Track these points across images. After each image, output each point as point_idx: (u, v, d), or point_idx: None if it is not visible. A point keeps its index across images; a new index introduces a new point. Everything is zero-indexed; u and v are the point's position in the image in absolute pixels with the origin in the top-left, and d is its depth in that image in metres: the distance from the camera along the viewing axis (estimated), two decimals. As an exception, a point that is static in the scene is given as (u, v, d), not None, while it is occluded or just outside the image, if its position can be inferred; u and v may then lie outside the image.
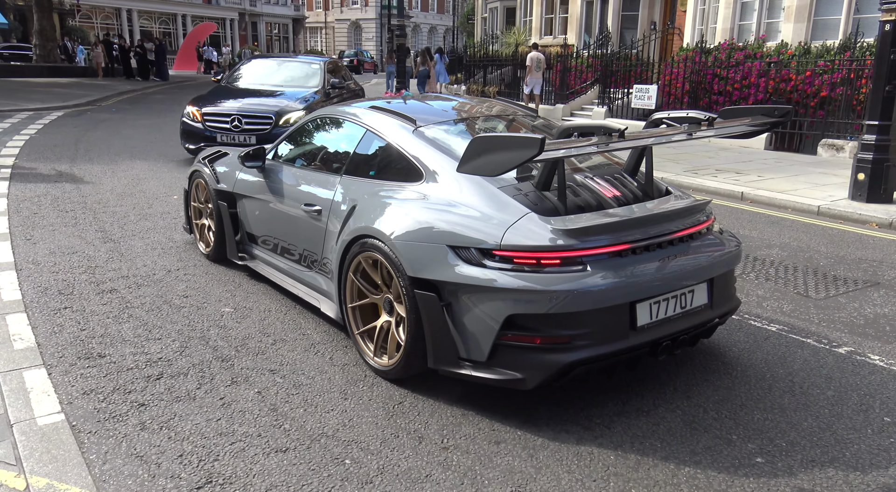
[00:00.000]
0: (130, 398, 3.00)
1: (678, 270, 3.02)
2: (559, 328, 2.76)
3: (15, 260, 4.73)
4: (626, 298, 2.82)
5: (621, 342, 2.84)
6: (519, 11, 22.85)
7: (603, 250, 2.83)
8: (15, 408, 2.82)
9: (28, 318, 3.77)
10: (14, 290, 4.16)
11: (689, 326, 3.07)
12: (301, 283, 4.01)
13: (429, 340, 2.98)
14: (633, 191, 3.29)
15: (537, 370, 2.77)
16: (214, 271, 4.77)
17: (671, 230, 3.05)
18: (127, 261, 4.91)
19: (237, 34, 48.59)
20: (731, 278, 3.42)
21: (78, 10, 39.43)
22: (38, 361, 3.26)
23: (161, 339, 3.63)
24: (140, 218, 6.14)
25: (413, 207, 3.16)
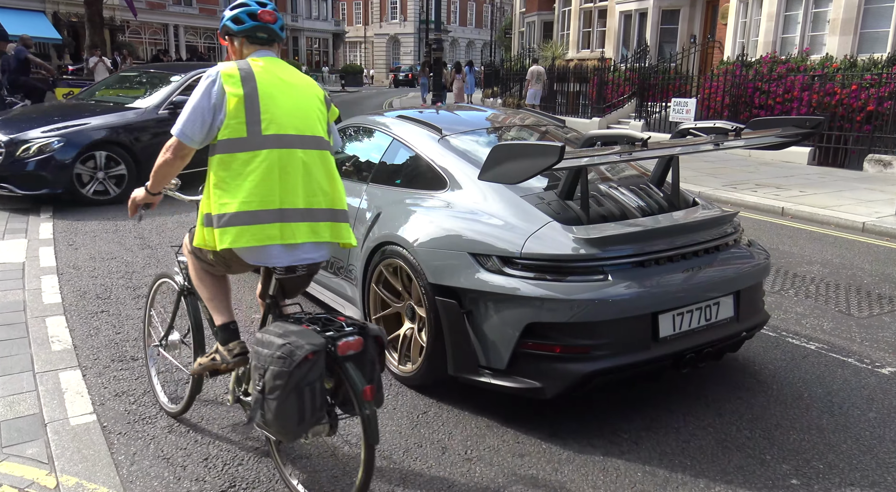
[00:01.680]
0: (160, 401, 3.05)
1: (703, 282, 2.96)
2: (579, 338, 2.74)
3: (57, 264, 4.88)
4: (648, 309, 2.79)
5: (643, 354, 2.80)
6: (556, 25, 22.84)
7: (625, 260, 2.80)
8: (49, 408, 2.90)
9: (66, 320, 3.87)
10: (55, 293, 4.29)
11: (714, 339, 3.00)
12: (328, 289, 4.01)
13: (449, 348, 2.97)
14: (659, 201, 3.26)
15: (556, 379, 2.75)
16: (246, 279, 4.84)
17: (696, 241, 3.01)
18: (164, 266, 5.02)
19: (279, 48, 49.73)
20: (760, 291, 3.34)
21: (128, 27, 40.93)
22: (73, 363, 3.34)
23: (192, 344, 3.68)
24: (177, 226, 6.28)
25: (436, 215, 3.15)
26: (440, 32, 20.56)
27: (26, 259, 4.93)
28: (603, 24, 19.78)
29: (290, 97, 2.33)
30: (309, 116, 2.36)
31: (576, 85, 17.72)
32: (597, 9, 20.05)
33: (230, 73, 2.26)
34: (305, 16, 52.74)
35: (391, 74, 53.95)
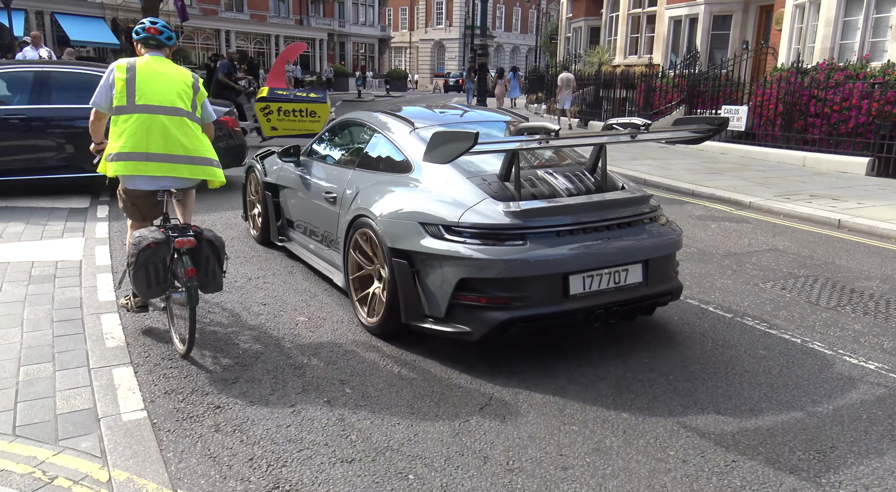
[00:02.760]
0: (207, 400, 3.12)
1: (612, 251, 3.56)
2: (501, 291, 3.37)
3: (112, 263, 5.05)
4: (559, 270, 3.40)
5: (554, 307, 3.43)
6: (603, 31, 22.60)
7: (542, 230, 3.43)
8: (103, 403, 2.99)
9: (119, 318, 4.00)
10: (109, 291, 4.43)
11: (623, 299, 3.59)
12: (322, 259, 4.73)
13: (402, 300, 3.61)
14: (587, 184, 3.86)
15: (482, 325, 3.39)
16: (291, 281, 4.92)
17: (608, 217, 3.62)
18: (212, 268, 5.14)
19: (325, 54, 50.48)
20: (671, 262, 3.94)
21: (182, 32, 42.20)
22: (126, 360, 3.45)
23: (239, 344, 3.76)
24: (226, 227, 6.43)
25: (398, 192, 3.86)
26: (485, 38, 20.60)
27: (83, 257, 5.11)
28: (651, 30, 19.49)
29: (159, 81, 3.60)
30: (171, 94, 3.61)
31: (622, 91, 17.48)
32: (645, 14, 19.77)
33: (120, 66, 3.59)
34: (352, 21, 53.50)
35: (442, 80, 54.21)
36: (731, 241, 6.59)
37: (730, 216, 7.83)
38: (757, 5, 16.69)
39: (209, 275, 3.49)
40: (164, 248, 3.36)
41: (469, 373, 3.50)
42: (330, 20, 51.48)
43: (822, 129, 11.52)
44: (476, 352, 3.74)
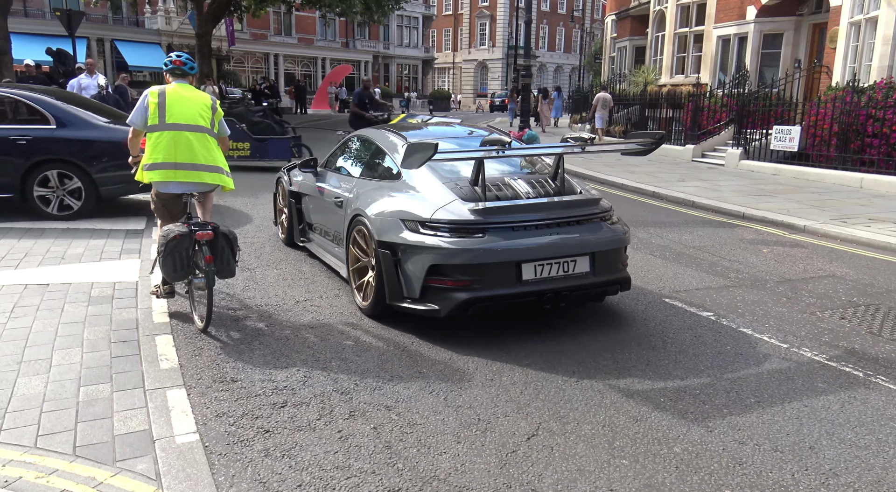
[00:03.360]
0: (257, 424, 3.17)
1: (561, 244, 4.24)
2: (463, 275, 4.10)
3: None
4: (512, 258, 4.11)
5: (508, 289, 4.13)
6: (649, 51, 22.43)
7: (500, 225, 4.14)
8: (158, 424, 3.07)
9: (174, 340, 4.11)
10: (163, 313, 4.57)
11: (571, 286, 4.28)
12: (333, 256, 5.48)
13: (385, 285, 4.35)
14: (547, 189, 4.50)
15: (447, 303, 4.12)
16: (338, 304, 4.99)
17: (559, 215, 4.32)
18: (261, 290, 5.26)
19: (370, 75, 51.46)
20: (617, 256, 4.57)
21: (232, 56, 43.66)
22: (179, 382, 3.54)
23: (287, 368, 3.83)
24: (274, 249, 6.57)
25: (387, 195, 4.59)
26: (529, 59, 20.66)
27: (139, 279, 5.29)
28: (699, 49, 19.25)
29: (184, 104, 4.41)
30: (194, 114, 4.42)
31: (668, 111, 17.27)
32: (692, 34, 19.56)
33: (153, 92, 4.41)
34: (397, 43, 54.47)
35: (486, 100, 54.57)
36: (784, 266, 6.40)
37: (783, 240, 7.62)
38: (809, 23, 16.33)
39: (224, 262, 4.28)
40: (187, 239, 4.20)
41: (516, 401, 3.47)
42: (375, 42, 52.50)
43: (881, 149, 11.14)
44: (523, 381, 3.72)
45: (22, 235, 6.51)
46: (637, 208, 9.68)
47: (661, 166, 14.21)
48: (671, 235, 7.74)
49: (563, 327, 4.59)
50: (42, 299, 4.70)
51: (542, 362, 3.99)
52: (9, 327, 4.15)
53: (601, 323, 4.70)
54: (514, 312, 4.82)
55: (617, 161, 15.03)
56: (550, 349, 4.19)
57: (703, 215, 9.16)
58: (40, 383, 3.42)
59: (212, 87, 19.84)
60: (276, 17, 45.38)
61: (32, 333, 4.08)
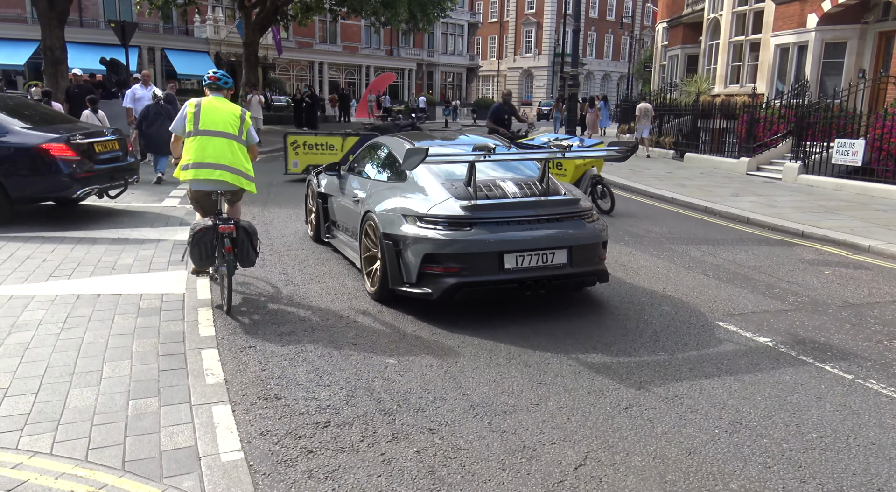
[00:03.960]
0: (300, 444, 3.21)
1: (540, 238, 4.92)
2: (453, 263, 4.80)
3: (212, 298, 5.33)
4: (495, 249, 4.80)
5: (492, 276, 4.83)
6: (702, 59, 22.04)
7: (486, 220, 4.86)
8: (203, 441, 3.14)
9: (219, 354, 4.21)
10: (209, 326, 4.68)
11: (549, 275, 4.95)
12: (351, 249, 6.25)
13: (388, 272, 5.09)
14: (533, 190, 5.23)
15: (438, 287, 4.83)
16: (382, 320, 5.02)
17: (539, 213, 5.02)
18: (304, 304, 5.34)
19: (414, 83, 51.93)
20: (593, 251, 5.20)
21: (278, 64, 44.67)
22: (224, 398, 3.61)
23: (330, 386, 3.87)
24: (318, 262, 6.66)
25: (392, 194, 5.37)
26: (576, 69, 20.52)
27: (186, 291, 5.43)
28: (755, 58, 18.83)
29: (216, 114, 5.11)
30: (225, 122, 5.11)
31: (722, 122, 16.92)
32: (748, 42, 19.14)
33: (192, 103, 5.16)
34: (441, 51, 54.88)
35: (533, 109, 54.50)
36: (848, 290, 6.17)
37: (846, 261, 7.35)
38: (875, 31, 15.79)
39: (244, 253, 4.97)
40: (211, 232, 4.91)
41: (562, 427, 3.43)
42: (419, 50, 53.00)
43: (953, 165, 10.67)
44: (570, 406, 3.67)
45: (75, 245, 6.76)
46: (688, 224, 9.49)
47: (714, 180, 13.91)
48: (724, 254, 7.56)
49: (608, 344, 4.52)
50: (93, 310, 4.86)
51: (590, 388, 3.94)
52: (62, 338, 4.31)
53: (651, 343, 4.61)
54: (562, 334, 4.77)
55: (668, 174, 14.78)
56: (599, 373, 4.13)
57: (759, 233, 8.92)
58: (91, 396, 3.54)
59: (257, 96, 20.36)
60: (321, 26, 46.28)
61: (84, 344, 4.22)
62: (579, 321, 5.09)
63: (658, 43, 28.46)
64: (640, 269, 6.78)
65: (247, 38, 28.34)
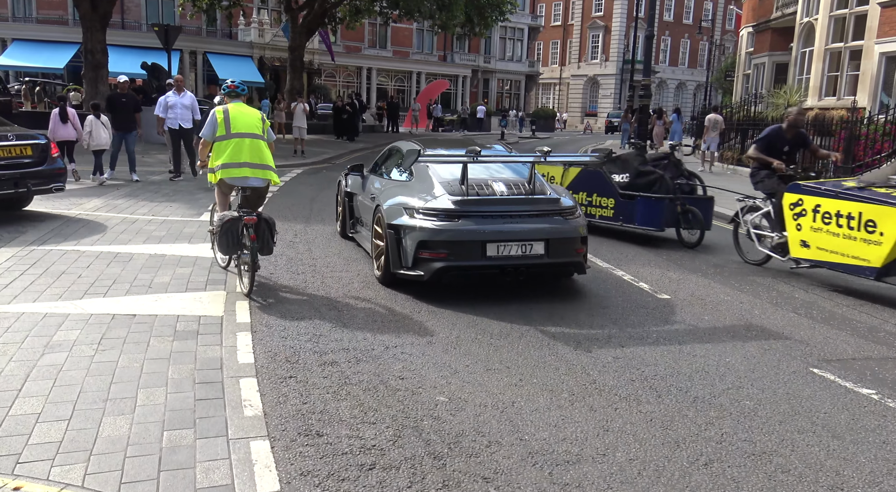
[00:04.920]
0: (343, 488, 3.23)
1: (519, 230, 6.19)
2: (441, 249, 6.05)
3: (251, 321, 5.45)
4: (479, 238, 6.05)
5: (475, 262, 6.11)
6: (792, 68, 21.55)
7: (472, 214, 6.14)
8: (241, 480, 3.19)
9: (258, 383, 4.29)
10: (248, 352, 4.78)
11: (527, 263, 6.20)
12: (367, 242, 7.39)
13: (391, 257, 6.35)
14: (520, 190, 6.54)
15: (428, 270, 6.09)
16: (431, 353, 5.03)
17: (521, 209, 6.31)
18: (349, 332, 5.40)
19: (468, 91, 52.39)
20: (570, 244, 6.40)
21: (324, 70, 45.81)
22: (263, 432, 3.67)
23: (375, 423, 3.88)
24: (363, 286, 6.74)
25: (399, 191, 6.74)
26: (648, 78, 20.37)
27: (224, 313, 5.57)
28: (855, 67, 18.31)
29: (244, 118, 6.21)
30: (252, 125, 6.22)
31: (816, 138, 16.44)
32: (848, 50, 18.64)
33: (219, 110, 6.20)
34: (499, 57, 55.28)
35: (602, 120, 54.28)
36: (966, 336, 5.87)
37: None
38: None
39: (264, 242, 6.07)
40: (237, 222, 6.00)
41: (632, 483, 3.35)
42: (475, 56, 53.51)
43: None
44: (641, 459, 3.59)
45: (111, 261, 7.04)
46: (776, 254, 9.21)
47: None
48: (818, 289, 7.31)
49: (683, 389, 4.41)
50: (128, 331, 5.03)
51: (664, 440, 3.84)
52: (96, 361, 4.47)
53: (733, 390, 4.48)
54: (630, 378, 4.69)
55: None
56: (672, 422, 4.03)
57: None
58: (125, 425, 3.65)
59: (302, 104, 20.87)
60: (370, 29, 47.32)
61: (118, 369, 4.37)
62: (649, 360, 4.99)
63: (742, 49, 28.00)
64: (721, 304, 6.62)
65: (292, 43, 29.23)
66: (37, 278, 6.24)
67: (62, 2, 37.31)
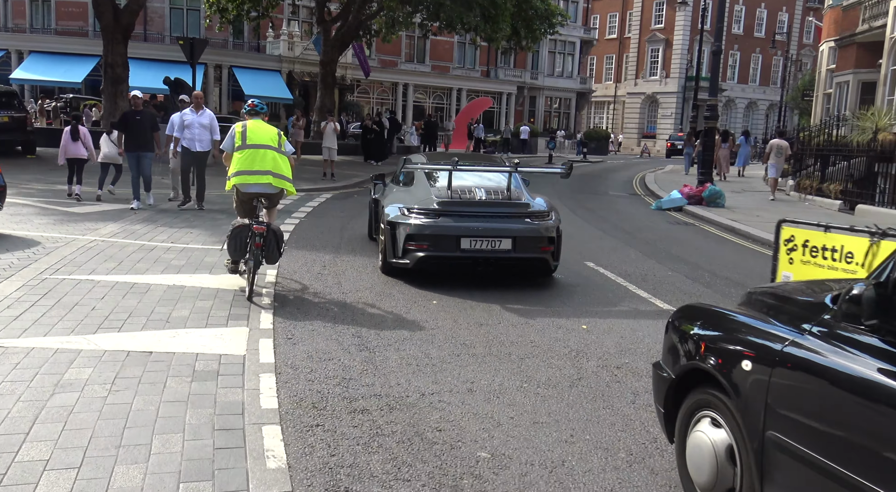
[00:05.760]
0: (375, 554, 3.21)
1: (489, 228, 8.17)
2: (423, 241, 8.18)
3: (275, 361, 5.50)
4: (454, 233, 8.12)
5: (451, 253, 8.18)
6: (881, 87, 21.22)
7: (451, 213, 8.26)
8: (262, 541, 3.20)
9: (282, 432, 4.31)
10: (272, 397, 4.81)
11: (496, 256, 8.26)
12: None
13: (387, 248, 8.49)
14: (498, 196, 8.68)
15: (412, 259, 8.18)
16: (471, 402, 5.01)
17: (493, 211, 8.47)
18: (381, 376, 5.41)
19: (513, 109, 52.68)
20: (535, 242, 8.41)
21: (357, 86, 46.62)
22: (287, 487, 3.68)
23: (410, 481, 3.86)
24: (396, 325, 6.76)
25: (401, 194, 9.03)
26: (715, 97, 20.25)
27: (247, 352, 5.63)
28: (951, 87, 17.93)
29: (259, 132, 7.52)
30: (267, 138, 7.51)
31: (906, 168, 16.10)
32: (942, 66, 18.29)
33: (238, 125, 7.64)
34: (547, 73, 55.56)
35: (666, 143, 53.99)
36: None
37: None
38: None
39: (269, 250, 7.25)
40: (246, 229, 7.21)
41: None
42: (521, 71, 53.89)
43: None
44: None
45: (127, 292, 7.20)
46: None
47: None
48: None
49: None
50: (144, 370, 5.12)
51: None
52: (109, 402, 4.55)
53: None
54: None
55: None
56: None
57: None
58: (138, 475, 3.70)
59: (333, 123, 21.23)
60: (408, 42, 48.14)
61: (133, 412, 4.44)
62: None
63: (822, 66, 27.72)
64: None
65: (324, 57, 29.86)
66: (48, 310, 6.40)
67: (83, 12, 38.84)
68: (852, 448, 2.53)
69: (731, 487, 3.16)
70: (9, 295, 6.76)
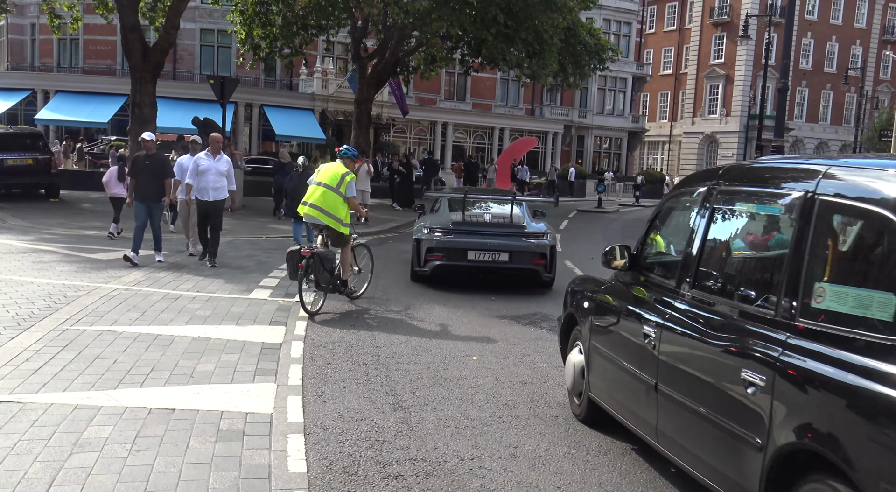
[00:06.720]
0: None
1: (490, 244, 11.66)
2: (439, 253, 11.85)
3: (304, 421, 5.54)
4: (463, 247, 11.70)
5: (460, 262, 11.76)
6: (962, 126, 20.90)
7: (461, 231, 11.95)
8: None
9: (310, 499, 4.33)
10: (300, 460, 4.84)
11: (495, 266, 11.84)
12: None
13: (413, 259, 12.29)
14: (502, 219, 12.55)
15: (430, 266, 11.87)
16: (514, 469, 4.97)
17: (494, 231, 12.03)
18: (417, 438, 5.41)
19: (559, 150, 52.92)
20: (528, 256, 11.77)
21: (393, 125, 47.38)
22: (315, 560, 3.68)
23: (448, 555, 3.83)
24: (434, 382, 6.77)
25: (428, 218, 13.07)
26: (781, 137, 20.15)
27: (274, 410, 5.69)
28: None
29: (325, 171, 9.95)
30: (327, 178, 9.71)
31: None
32: None
33: (321, 165, 10.79)
34: (597, 110, 55.86)
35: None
36: None
37: None
38: None
39: (318, 273, 9.19)
40: (297, 253, 9.31)
41: None
42: (568, 109, 54.27)
43: None
44: None
45: (150, 344, 7.34)
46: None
47: None
48: None
49: None
50: (166, 429, 5.20)
51: None
52: (129, 463, 4.62)
53: None
54: None
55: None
56: None
57: None
58: (159, 542, 3.74)
59: (366, 165, 21.59)
60: (448, 79, 48.92)
61: (154, 474, 4.50)
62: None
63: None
64: None
65: (359, 95, 30.41)
66: (68, 363, 6.56)
67: (111, 50, 40.34)
68: (624, 345, 5.14)
69: (580, 390, 5.95)
70: (28, 347, 6.95)
